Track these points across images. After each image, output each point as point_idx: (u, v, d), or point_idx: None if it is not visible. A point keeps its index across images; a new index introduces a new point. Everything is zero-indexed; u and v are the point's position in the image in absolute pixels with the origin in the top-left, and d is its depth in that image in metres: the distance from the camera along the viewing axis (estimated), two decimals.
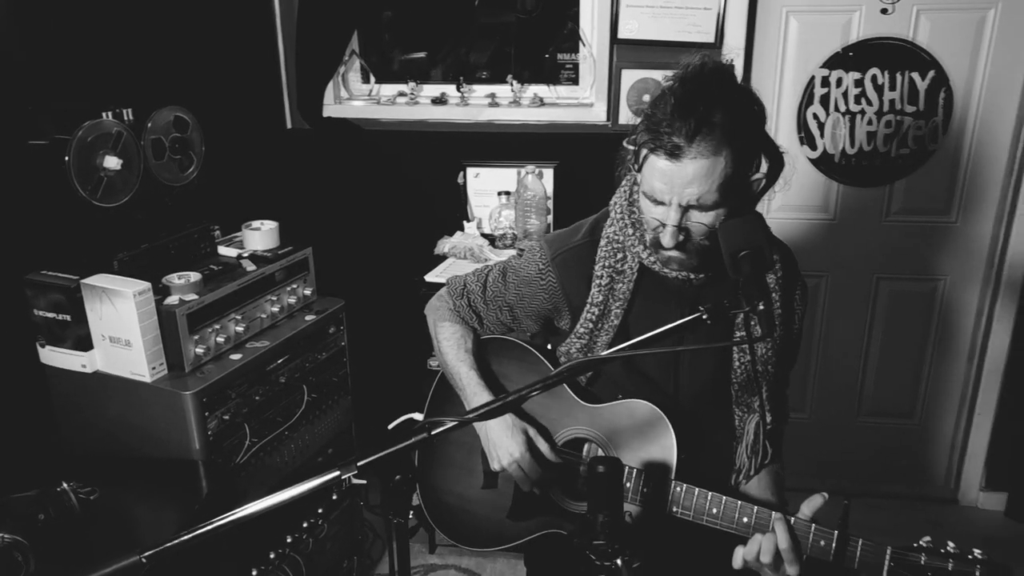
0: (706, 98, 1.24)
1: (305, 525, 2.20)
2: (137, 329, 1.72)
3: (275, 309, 2.08)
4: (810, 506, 1.31)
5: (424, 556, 2.76)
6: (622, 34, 2.66)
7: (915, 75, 2.68)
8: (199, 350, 1.83)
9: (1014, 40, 2.60)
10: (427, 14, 3.36)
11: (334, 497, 2.34)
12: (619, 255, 1.47)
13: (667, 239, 1.30)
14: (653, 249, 1.40)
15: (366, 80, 2.98)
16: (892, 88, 2.70)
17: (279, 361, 2.03)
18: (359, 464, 1.01)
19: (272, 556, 2.06)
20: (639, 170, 1.33)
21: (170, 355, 1.79)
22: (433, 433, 1.05)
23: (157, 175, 1.96)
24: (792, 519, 1.30)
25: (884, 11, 2.63)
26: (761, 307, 1.11)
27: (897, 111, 2.72)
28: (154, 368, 1.77)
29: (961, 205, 2.82)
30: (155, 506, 1.73)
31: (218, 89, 2.46)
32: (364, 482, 1.01)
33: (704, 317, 1.15)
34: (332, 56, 2.76)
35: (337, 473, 1.01)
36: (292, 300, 2.15)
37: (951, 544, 1.22)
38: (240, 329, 1.95)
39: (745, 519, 1.34)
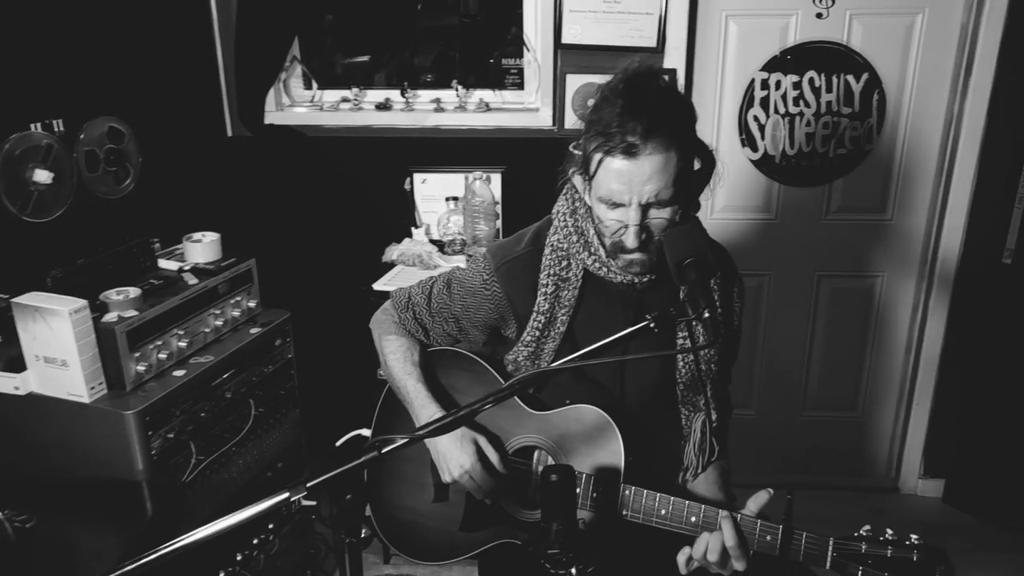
0: (653, 97, 1.29)
1: (255, 542, 2.16)
2: (74, 348, 1.66)
3: (219, 323, 2.04)
4: (756, 502, 1.34)
5: (379, 567, 2.73)
6: (566, 39, 2.67)
7: (850, 77, 2.75)
8: (140, 368, 1.78)
9: (940, 43, 2.70)
10: (369, 18, 3.33)
11: (285, 512, 2.31)
12: (563, 263, 1.49)
13: (631, 240, 1.33)
14: (614, 254, 1.41)
15: (308, 86, 2.94)
16: (828, 90, 2.77)
17: (224, 376, 1.99)
18: (308, 485, 0.99)
19: (222, 575, 2.02)
20: (591, 177, 1.34)
21: (110, 374, 1.74)
22: (383, 451, 1.04)
23: (92, 188, 1.90)
24: (739, 516, 1.32)
25: (819, 15, 2.70)
26: (707, 315, 1.13)
27: (834, 112, 2.80)
28: (93, 388, 1.71)
29: (896, 203, 2.91)
30: (97, 531, 1.68)
31: (155, 98, 2.39)
32: (314, 503, 0.99)
33: (652, 326, 1.17)
34: (273, 62, 2.72)
35: (286, 495, 0.99)
36: (236, 313, 2.11)
37: (889, 531, 1.26)
38: (183, 344, 1.90)
39: (693, 519, 1.36)
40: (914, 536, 1.25)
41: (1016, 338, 2.74)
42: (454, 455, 1.48)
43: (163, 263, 2.08)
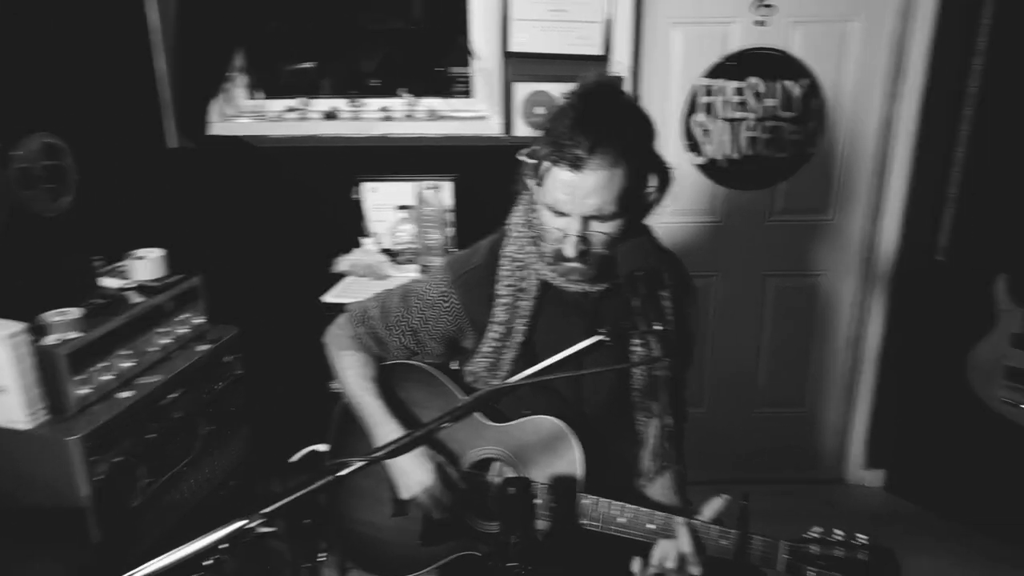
0: (605, 113, 1.32)
1: (207, 564, 2.12)
2: (12, 374, 1.61)
3: (166, 341, 2.00)
4: (711, 508, 1.37)
5: None
6: (513, 47, 2.68)
7: (790, 83, 2.83)
8: (84, 391, 1.73)
9: (874, 49, 2.79)
10: (313, 23, 3.30)
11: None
12: (520, 273, 1.50)
13: (570, 249, 1.34)
14: (555, 261, 1.42)
15: (253, 96, 2.89)
16: (770, 96, 2.84)
17: (173, 395, 1.95)
18: (264, 512, 0.98)
19: None
20: (540, 183, 1.36)
21: (52, 398, 1.69)
22: (340, 475, 1.03)
23: (28, 206, 1.84)
24: (695, 521, 1.35)
25: (760, 23, 2.76)
26: (658, 328, 1.15)
27: (776, 117, 2.87)
28: (33, 414, 1.66)
29: (836, 204, 3.00)
30: (41, 560, 1.63)
31: (92, 112, 2.31)
32: (273, 529, 0.98)
33: (607, 341, 1.18)
34: (216, 72, 2.66)
35: (242, 523, 0.98)
36: (184, 330, 2.07)
37: (838, 532, 1.30)
38: (129, 365, 1.86)
39: (652, 526, 1.38)
40: (862, 536, 1.29)
41: (950, 333, 2.84)
42: (414, 473, 1.47)
43: (106, 281, 2.03)
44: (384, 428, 1.53)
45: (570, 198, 1.31)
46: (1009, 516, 2.86)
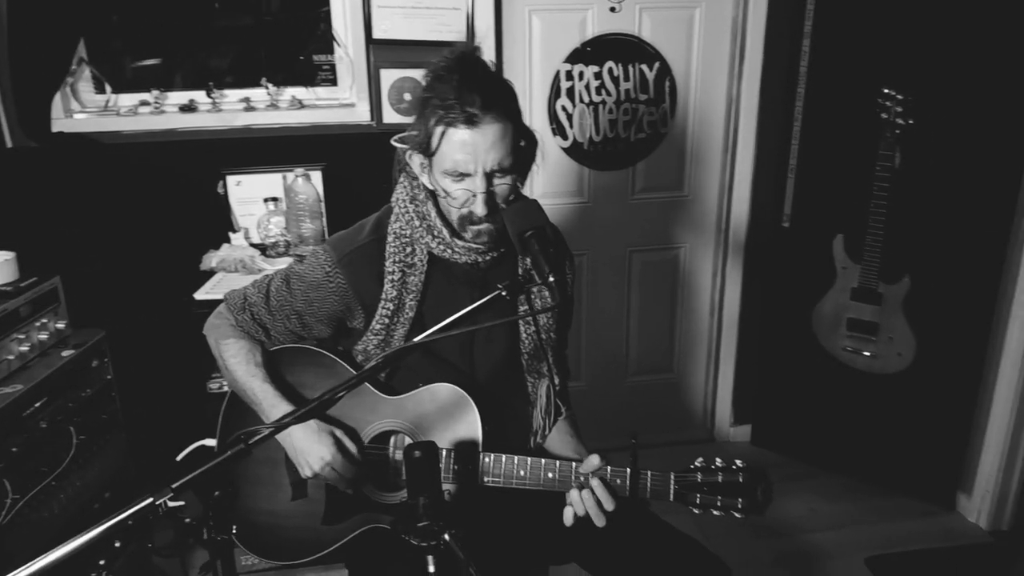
0: (484, 74, 1.39)
1: None
2: None
3: (24, 348, 1.86)
4: (587, 466, 1.45)
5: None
6: (376, 34, 2.68)
7: (644, 67, 2.99)
8: None
9: (717, 34, 3.01)
10: (159, 18, 3.14)
11: (117, 544, 2.14)
12: (408, 248, 1.52)
13: (480, 207, 1.39)
14: (462, 227, 1.46)
15: (100, 90, 2.73)
16: (626, 79, 2.99)
17: (37, 405, 1.82)
18: (174, 486, 0.95)
19: None
20: (434, 152, 1.39)
21: None
22: (251, 442, 1.02)
23: None
24: (585, 466, 1.43)
25: (612, 9, 2.90)
26: (553, 279, 1.21)
27: (632, 100, 3.03)
28: None
29: (691, 180, 3.20)
30: None
31: None
32: (183, 503, 0.95)
33: (504, 294, 1.23)
34: (56, 65, 2.49)
35: (150, 499, 0.95)
36: (43, 336, 1.93)
37: (718, 460, 1.45)
38: None
39: (551, 475, 1.45)
40: (739, 461, 1.43)
41: (798, 291, 3.10)
42: (313, 449, 1.46)
43: None
44: (277, 411, 1.51)
45: (471, 156, 1.36)
46: (856, 454, 3.16)
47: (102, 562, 2.07)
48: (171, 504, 0.94)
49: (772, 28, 2.94)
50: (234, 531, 1.10)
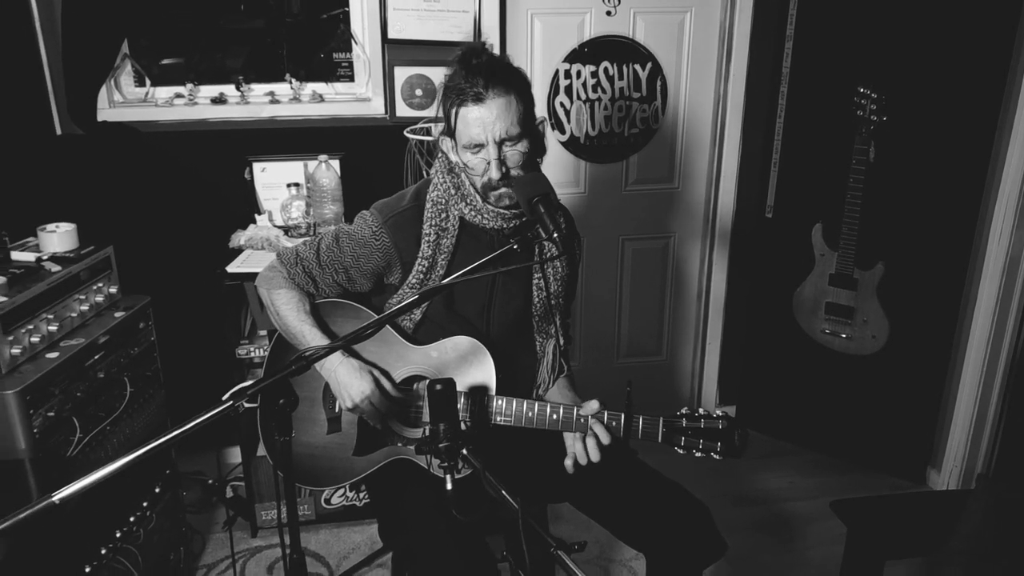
0: (488, 59, 1.64)
1: (132, 519, 2.22)
2: None
3: (84, 308, 2.09)
4: (587, 408, 1.68)
5: (247, 541, 2.84)
6: (391, 34, 2.92)
7: (637, 66, 3.23)
8: (15, 351, 1.82)
9: (706, 36, 3.25)
10: (180, 23, 3.37)
11: (156, 490, 2.37)
12: (443, 214, 1.76)
13: (494, 171, 1.62)
14: (486, 194, 1.69)
15: (141, 83, 2.96)
16: (620, 78, 3.23)
17: (96, 357, 2.05)
18: (249, 392, 1.18)
19: (104, 552, 2.07)
20: (454, 132, 1.63)
21: None
22: (311, 358, 1.25)
23: None
24: (585, 408, 1.67)
25: (608, 13, 3.15)
26: (556, 235, 1.44)
27: (626, 97, 3.26)
28: None
29: (681, 173, 3.44)
30: None
31: None
32: (256, 405, 1.17)
33: (516, 247, 1.47)
34: (103, 61, 2.72)
35: (230, 403, 1.18)
36: (99, 299, 2.16)
37: (702, 409, 1.67)
38: (53, 328, 1.95)
39: (555, 416, 1.68)
40: (719, 411, 1.66)
41: (780, 278, 3.33)
42: (354, 384, 1.69)
43: (16, 255, 2.09)
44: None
45: (482, 128, 1.60)
46: (833, 432, 3.37)
47: (144, 503, 2.32)
48: (247, 405, 1.16)
49: (757, 31, 3.18)
50: (289, 437, 1.31)
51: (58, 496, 1.08)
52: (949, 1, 2.76)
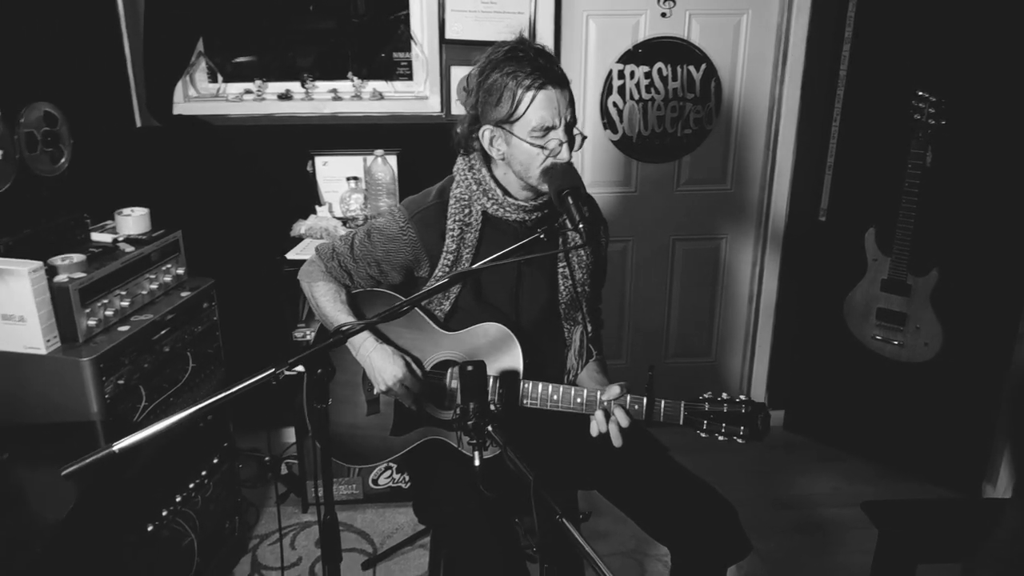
0: (543, 49, 1.72)
1: (191, 485, 2.38)
2: (32, 305, 1.85)
3: (153, 286, 2.26)
4: (609, 393, 1.71)
5: (298, 516, 2.99)
6: (449, 35, 3.03)
7: (691, 68, 3.26)
8: (91, 322, 1.99)
9: (762, 38, 3.25)
10: (253, 23, 3.56)
11: (215, 461, 2.54)
12: (466, 210, 1.84)
13: (567, 153, 1.69)
14: (540, 179, 1.71)
15: (213, 80, 3.15)
16: (674, 79, 3.27)
17: (162, 332, 2.21)
18: (290, 361, 1.29)
19: (165, 513, 2.24)
20: (519, 118, 1.67)
21: (63, 328, 1.94)
22: (346, 332, 1.36)
23: (32, 167, 2.08)
24: (607, 393, 1.71)
25: (663, 15, 3.18)
26: (582, 226, 1.51)
27: (679, 98, 3.30)
28: (49, 341, 1.91)
29: (734, 174, 3.45)
30: (62, 462, 1.87)
31: (76, 88, 2.55)
32: (302, 370, 1.29)
33: (542, 236, 1.55)
34: (180, 58, 2.92)
35: (272, 370, 1.29)
36: (168, 279, 2.33)
37: (724, 394, 1.69)
38: (125, 304, 2.12)
39: (579, 400, 1.75)
40: (742, 396, 1.68)
41: (831, 283, 3.30)
42: (388, 368, 1.79)
43: (95, 236, 2.28)
44: (360, 336, 1.84)
45: (555, 111, 1.67)
46: (884, 440, 3.33)
47: (204, 472, 2.48)
48: (287, 373, 1.27)
49: (814, 34, 3.17)
50: (326, 404, 1.42)
51: (118, 446, 1.22)
52: (1009, 4, 2.71)
